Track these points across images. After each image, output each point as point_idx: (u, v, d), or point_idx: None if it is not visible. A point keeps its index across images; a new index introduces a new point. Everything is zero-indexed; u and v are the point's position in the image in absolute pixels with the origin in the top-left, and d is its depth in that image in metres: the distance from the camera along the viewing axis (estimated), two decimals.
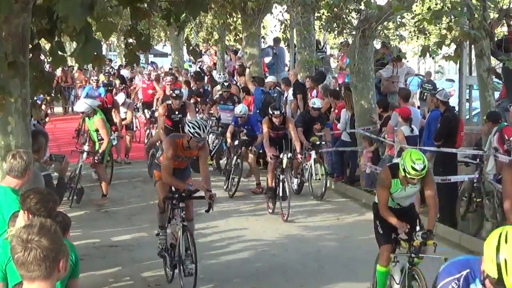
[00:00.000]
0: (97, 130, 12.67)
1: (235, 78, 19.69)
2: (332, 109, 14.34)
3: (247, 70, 17.69)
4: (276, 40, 20.46)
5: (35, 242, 2.73)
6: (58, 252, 2.79)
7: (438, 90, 12.49)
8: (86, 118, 12.97)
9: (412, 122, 11.67)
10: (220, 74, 17.23)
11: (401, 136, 11.46)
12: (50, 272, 2.77)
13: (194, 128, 8.11)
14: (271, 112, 12.08)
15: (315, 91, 15.38)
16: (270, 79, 17.35)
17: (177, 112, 13.12)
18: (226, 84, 15.85)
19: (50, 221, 2.86)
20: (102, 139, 12.57)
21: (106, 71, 21.95)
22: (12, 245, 2.78)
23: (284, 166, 11.89)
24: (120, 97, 16.44)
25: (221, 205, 12.22)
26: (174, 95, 13.23)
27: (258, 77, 17.77)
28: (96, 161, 12.59)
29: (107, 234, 10.47)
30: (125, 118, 16.09)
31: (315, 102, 13.27)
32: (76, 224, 10.54)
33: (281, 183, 11.66)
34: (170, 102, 13.32)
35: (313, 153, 12.89)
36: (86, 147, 12.69)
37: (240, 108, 13.65)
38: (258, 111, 15.40)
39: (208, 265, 8.98)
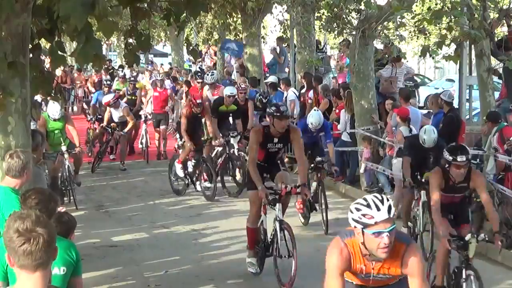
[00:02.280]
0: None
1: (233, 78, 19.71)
2: (334, 109, 14.33)
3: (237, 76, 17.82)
4: (280, 39, 20.44)
5: (39, 231, 2.80)
6: (54, 239, 2.87)
7: (443, 90, 12.49)
8: None
9: (411, 122, 11.67)
10: (209, 75, 16.36)
11: (399, 137, 11.46)
12: (49, 259, 2.85)
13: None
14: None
15: (311, 91, 15.33)
16: (271, 79, 17.35)
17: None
18: (264, 100, 15.42)
19: (37, 211, 2.92)
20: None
21: (131, 79, 20.29)
22: (9, 237, 2.80)
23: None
24: (106, 98, 16.15)
25: (221, 205, 12.22)
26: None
27: (253, 78, 17.69)
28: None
29: (107, 234, 10.47)
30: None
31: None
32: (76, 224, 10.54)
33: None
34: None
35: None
36: None
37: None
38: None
39: (208, 265, 8.98)
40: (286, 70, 20.15)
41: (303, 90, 15.93)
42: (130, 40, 7.22)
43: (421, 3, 16.12)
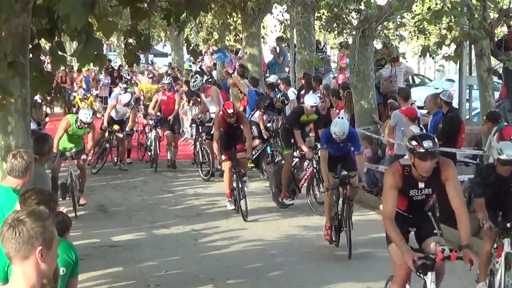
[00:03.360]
0: None
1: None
2: (334, 109, 14.32)
3: (234, 74, 17.74)
4: (280, 39, 20.43)
5: (20, 220, 2.79)
6: (35, 236, 2.81)
7: (442, 90, 12.50)
8: None
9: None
10: (194, 82, 15.75)
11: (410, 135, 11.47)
12: (25, 254, 2.79)
13: None
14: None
15: (311, 91, 15.29)
16: (271, 78, 17.36)
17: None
18: (286, 102, 14.99)
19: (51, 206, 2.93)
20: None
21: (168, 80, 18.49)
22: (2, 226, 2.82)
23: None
24: (125, 97, 15.75)
25: (221, 205, 12.22)
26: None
27: (253, 77, 17.68)
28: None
29: (107, 234, 10.47)
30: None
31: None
32: (76, 224, 10.53)
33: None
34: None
35: None
36: None
37: None
38: (252, 112, 15.45)
39: (208, 265, 8.98)
40: (286, 69, 20.16)
41: (303, 91, 15.90)
42: (130, 40, 7.22)
43: (421, 3, 16.14)
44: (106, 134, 15.57)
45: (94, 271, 8.50)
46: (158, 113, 16.23)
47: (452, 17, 10.93)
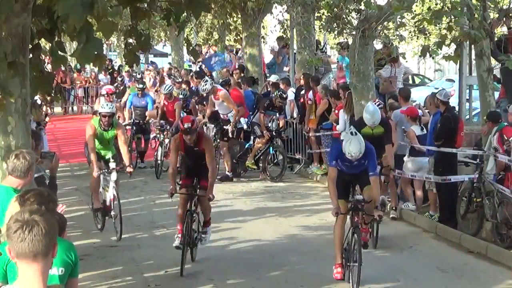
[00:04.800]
0: None
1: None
2: (333, 110, 14.32)
3: (232, 78, 17.69)
4: (280, 39, 20.42)
5: (36, 218, 2.78)
6: (55, 232, 2.84)
7: (438, 90, 12.50)
8: None
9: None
10: (205, 86, 14.95)
11: (412, 135, 11.49)
12: (48, 249, 2.80)
13: None
14: None
15: (311, 92, 15.29)
16: (272, 78, 17.36)
17: None
18: (284, 95, 15.13)
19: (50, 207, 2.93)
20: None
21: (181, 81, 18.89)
22: (8, 226, 2.80)
23: None
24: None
25: (221, 205, 12.22)
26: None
27: (246, 77, 17.61)
28: None
29: (107, 234, 10.47)
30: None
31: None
32: (76, 224, 10.55)
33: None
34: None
35: None
36: None
37: None
38: (251, 113, 15.43)
39: (208, 265, 8.98)
40: (286, 69, 20.14)
41: (303, 91, 15.88)
42: (130, 40, 7.23)
43: (421, 3, 16.13)
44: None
45: (94, 271, 8.50)
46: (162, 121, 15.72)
47: (452, 17, 10.93)
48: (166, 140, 14.90)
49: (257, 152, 14.70)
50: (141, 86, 16.98)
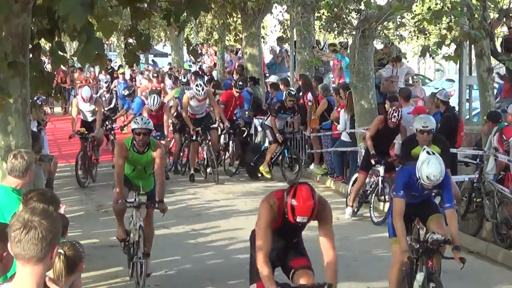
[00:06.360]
0: None
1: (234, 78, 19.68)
2: (335, 108, 14.30)
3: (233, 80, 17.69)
4: (280, 39, 20.41)
5: (36, 222, 2.74)
6: (55, 236, 2.79)
7: (438, 90, 12.51)
8: None
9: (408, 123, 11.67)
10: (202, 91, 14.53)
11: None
12: (45, 254, 2.76)
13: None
14: None
15: (309, 93, 15.25)
16: (271, 78, 17.32)
17: None
18: (292, 92, 14.64)
19: (52, 209, 2.87)
20: None
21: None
22: (11, 223, 2.79)
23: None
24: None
25: (221, 205, 12.22)
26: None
27: (243, 78, 17.54)
28: None
29: (107, 234, 10.46)
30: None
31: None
32: (76, 224, 10.55)
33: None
34: None
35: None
36: None
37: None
38: (247, 112, 15.42)
39: (208, 265, 8.98)
40: (286, 65, 20.12)
41: (301, 93, 15.84)
42: (130, 40, 7.23)
43: (421, 3, 16.12)
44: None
45: (94, 271, 8.50)
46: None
47: (452, 17, 10.93)
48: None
49: (273, 155, 14.46)
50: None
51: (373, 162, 11.05)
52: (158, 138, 13.48)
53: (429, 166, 6.43)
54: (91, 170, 14.16)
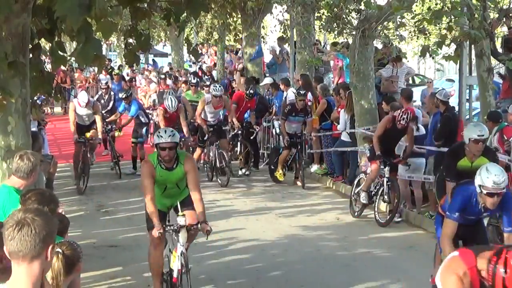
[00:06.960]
0: None
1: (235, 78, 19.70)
2: (336, 108, 14.30)
3: (238, 76, 17.63)
4: (280, 39, 20.41)
5: (29, 218, 2.71)
6: (49, 234, 2.76)
7: (438, 89, 12.49)
8: None
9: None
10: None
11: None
12: (39, 251, 2.73)
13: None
14: None
15: (310, 93, 15.24)
16: (266, 81, 17.32)
17: None
18: (302, 92, 14.11)
19: (51, 209, 2.86)
20: None
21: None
22: (4, 222, 2.77)
23: None
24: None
25: (221, 205, 12.22)
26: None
27: (249, 78, 17.55)
28: None
29: (107, 234, 10.47)
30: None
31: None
32: (76, 224, 10.55)
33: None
34: None
35: None
36: None
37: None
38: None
39: (208, 265, 8.98)
40: (287, 64, 20.13)
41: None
42: (130, 40, 7.23)
43: (421, 3, 16.13)
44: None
45: (94, 271, 8.50)
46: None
47: (452, 17, 10.93)
48: None
49: (288, 158, 14.26)
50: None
51: (378, 163, 11.04)
52: (183, 139, 13.54)
53: (489, 170, 5.99)
54: (83, 176, 13.66)
